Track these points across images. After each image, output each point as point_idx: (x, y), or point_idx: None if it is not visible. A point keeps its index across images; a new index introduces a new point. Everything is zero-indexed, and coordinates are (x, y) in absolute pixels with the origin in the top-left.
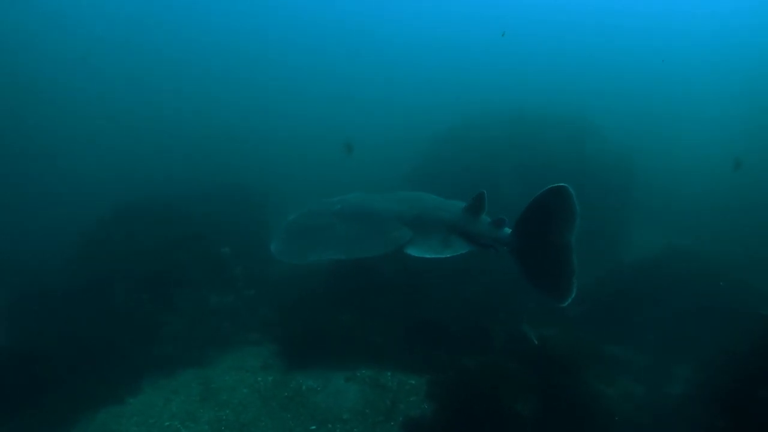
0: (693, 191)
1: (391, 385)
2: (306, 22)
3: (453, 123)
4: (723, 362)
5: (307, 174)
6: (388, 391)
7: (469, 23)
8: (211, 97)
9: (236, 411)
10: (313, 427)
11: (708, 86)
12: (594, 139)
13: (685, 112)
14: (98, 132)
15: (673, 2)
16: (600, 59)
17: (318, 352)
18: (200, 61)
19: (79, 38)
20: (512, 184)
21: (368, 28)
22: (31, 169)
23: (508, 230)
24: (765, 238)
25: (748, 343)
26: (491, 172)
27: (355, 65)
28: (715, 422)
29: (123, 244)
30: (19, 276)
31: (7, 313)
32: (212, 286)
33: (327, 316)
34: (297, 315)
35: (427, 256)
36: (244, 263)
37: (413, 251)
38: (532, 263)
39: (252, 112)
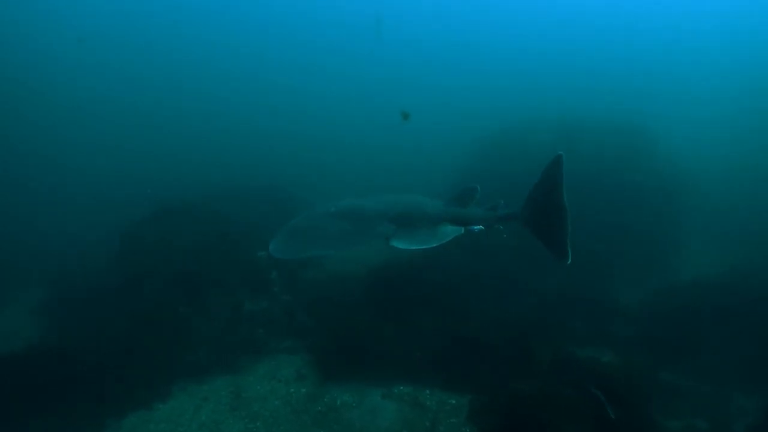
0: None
1: (430, 404)
2: (346, 25)
3: (495, 128)
4: None
5: (344, 177)
6: (428, 411)
7: (510, 26)
8: (246, 100)
9: (267, 424)
10: None
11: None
12: (643, 146)
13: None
14: (135, 135)
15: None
16: (646, 61)
17: (354, 364)
18: (234, 64)
19: (102, 43)
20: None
21: (407, 31)
22: (73, 171)
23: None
24: None
25: None
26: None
27: (395, 69)
28: None
29: (158, 245)
30: (58, 273)
31: (44, 309)
32: (247, 291)
33: (364, 327)
34: (333, 324)
35: (413, 247)
36: (280, 268)
37: (399, 244)
38: (542, 230)
39: (290, 115)
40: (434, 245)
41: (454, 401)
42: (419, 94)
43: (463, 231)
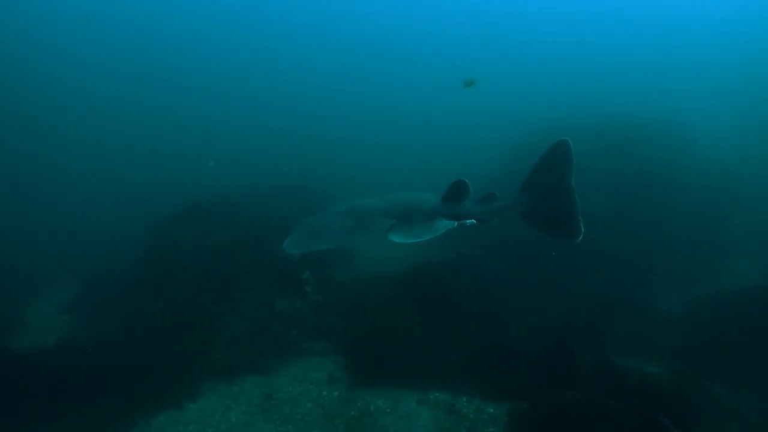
0: None
1: (467, 412)
2: (388, 27)
3: (534, 127)
4: None
5: (372, 175)
6: (465, 420)
7: (552, 23)
8: (276, 100)
9: (299, 427)
10: None
11: None
12: (682, 144)
13: None
14: (163, 137)
15: None
16: (696, 59)
17: (388, 368)
18: (257, 64)
19: (125, 46)
20: (599, 195)
21: (433, 29)
22: (104, 171)
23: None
24: None
25: None
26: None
27: (422, 67)
28: None
29: (189, 242)
30: (88, 270)
31: (74, 306)
32: (279, 291)
33: (398, 330)
34: (366, 326)
35: (408, 240)
36: (313, 268)
37: (396, 238)
38: (544, 215)
39: (317, 115)
40: (426, 239)
41: (492, 410)
42: (448, 93)
43: (455, 225)
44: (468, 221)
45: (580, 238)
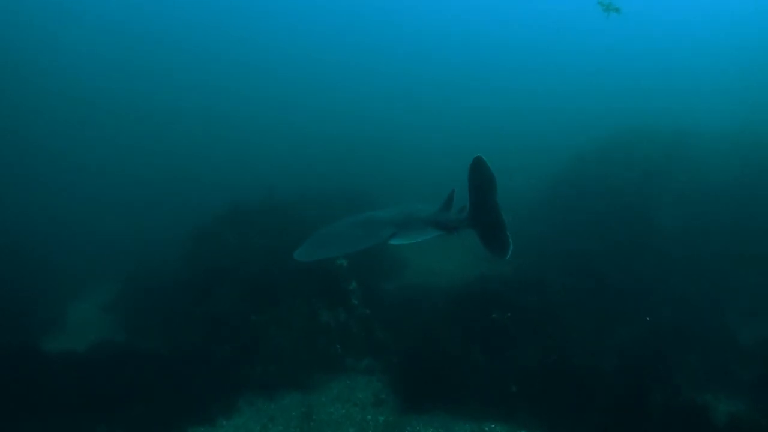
0: None
1: None
2: (448, 30)
3: (600, 135)
4: None
5: (424, 181)
6: None
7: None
8: (327, 103)
9: None
10: None
11: None
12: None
13: None
14: (213, 139)
15: None
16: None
17: (440, 392)
18: (317, 69)
19: (178, 53)
20: (672, 208)
21: (494, 33)
22: (152, 172)
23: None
24: None
25: None
26: (646, 195)
27: (485, 72)
28: None
29: (234, 245)
30: (131, 271)
31: (115, 306)
32: (324, 301)
33: (452, 351)
34: (416, 344)
35: (405, 242)
36: (360, 278)
37: (395, 241)
38: (485, 230)
39: (374, 121)
40: (419, 240)
41: None
42: (510, 97)
43: (439, 232)
44: (440, 231)
45: (508, 256)
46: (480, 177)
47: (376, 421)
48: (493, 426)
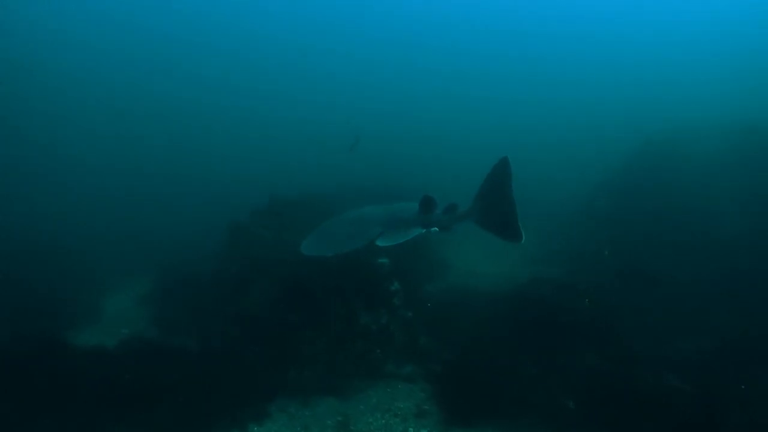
0: None
1: None
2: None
3: (656, 129)
4: None
5: (466, 180)
6: None
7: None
8: (369, 99)
9: None
10: None
11: None
12: None
13: None
14: (250, 136)
15: None
16: None
17: (488, 405)
18: (341, 67)
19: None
20: (736, 207)
21: (550, 23)
22: (190, 168)
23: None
24: None
25: None
26: (708, 196)
27: (532, 64)
28: None
29: (269, 241)
30: (167, 264)
31: (150, 299)
32: (364, 302)
33: (502, 359)
34: (462, 351)
35: (390, 243)
36: (403, 278)
37: (381, 243)
38: (495, 221)
39: (417, 117)
40: (400, 242)
41: None
42: (560, 90)
43: (424, 231)
44: (432, 229)
45: (522, 240)
46: (502, 175)
47: None
48: None
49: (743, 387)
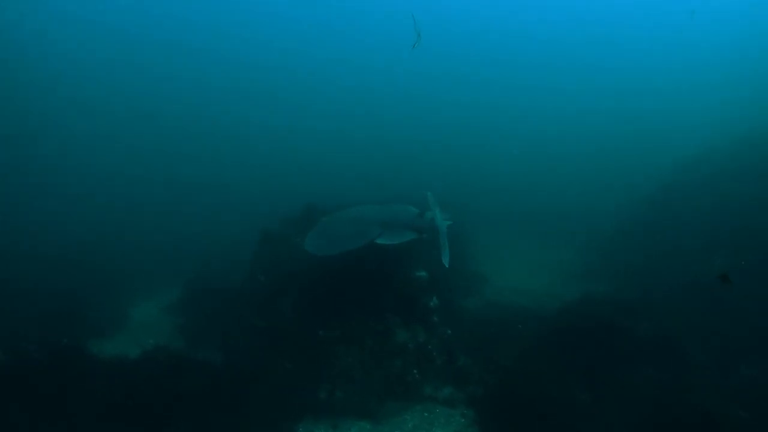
0: None
1: None
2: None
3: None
4: None
5: (505, 195)
6: None
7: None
8: (406, 105)
9: None
10: None
11: None
12: None
13: None
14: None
15: None
16: None
17: None
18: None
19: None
20: None
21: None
22: (221, 172)
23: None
24: None
25: None
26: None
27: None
28: None
29: (302, 251)
30: (195, 274)
31: (177, 309)
32: (401, 318)
33: (551, 385)
34: (507, 374)
35: (387, 243)
36: (442, 293)
37: (381, 241)
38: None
39: (451, 126)
40: (397, 242)
41: None
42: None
43: (416, 236)
44: (424, 235)
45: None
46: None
47: None
48: None
49: None
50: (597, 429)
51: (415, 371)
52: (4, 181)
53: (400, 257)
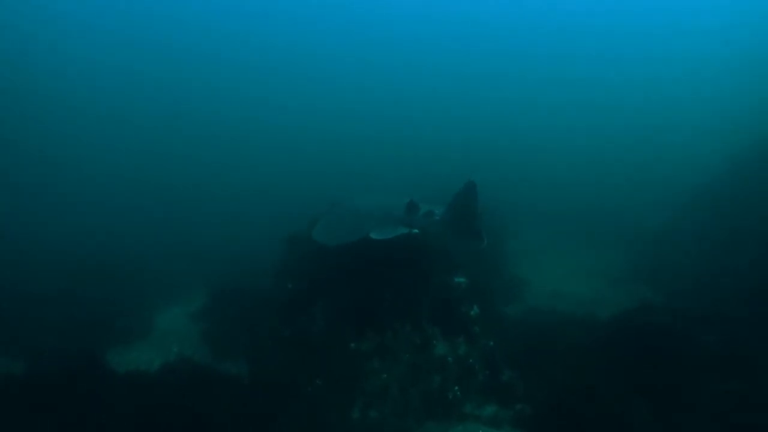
0: None
1: None
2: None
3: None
4: None
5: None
6: None
7: None
8: (442, 106)
9: None
10: None
11: None
12: None
13: None
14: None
15: None
16: None
17: None
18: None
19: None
20: None
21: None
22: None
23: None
24: None
25: None
26: None
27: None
28: None
29: (333, 255)
30: (222, 280)
31: (204, 316)
32: (439, 328)
33: (606, 404)
34: (555, 391)
35: (381, 237)
36: (482, 300)
37: (375, 235)
38: (459, 227)
39: (498, 124)
40: (391, 236)
41: None
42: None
43: (407, 231)
44: (414, 230)
45: (484, 244)
46: (467, 196)
47: None
48: None
49: None
50: None
51: (455, 388)
52: (28, 189)
53: (438, 261)
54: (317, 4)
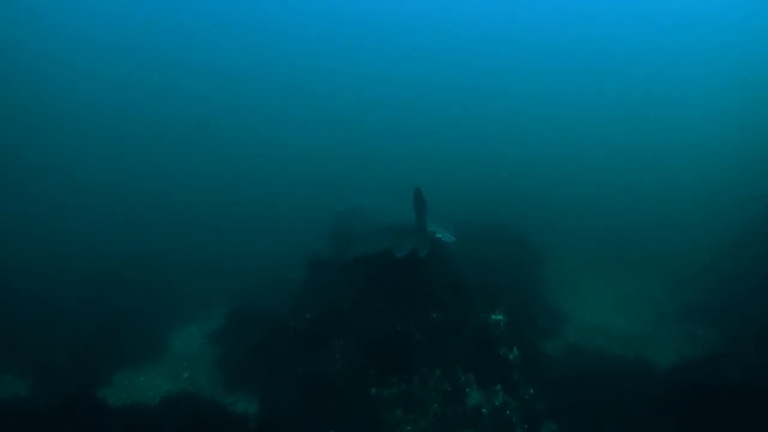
0: None
1: None
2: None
3: None
4: None
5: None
6: None
7: None
8: (479, 127)
9: None
10: None
11: None
12: None
13: None
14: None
15: None
16: None
17: None
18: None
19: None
20: None
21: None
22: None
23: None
24: None
25: None
26: None
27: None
28: None
29: (358, 284)
30: (243, 296)
31: (219, 338)
32: (474, 373)
33: None
34: None
35: (404, 254)
36: (522, 340)
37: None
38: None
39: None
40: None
41: None
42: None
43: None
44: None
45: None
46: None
47: None
48: None
49: None
50: None
51: None
52: (42, 199)
53: (474, 295)
54: (326, 17)
